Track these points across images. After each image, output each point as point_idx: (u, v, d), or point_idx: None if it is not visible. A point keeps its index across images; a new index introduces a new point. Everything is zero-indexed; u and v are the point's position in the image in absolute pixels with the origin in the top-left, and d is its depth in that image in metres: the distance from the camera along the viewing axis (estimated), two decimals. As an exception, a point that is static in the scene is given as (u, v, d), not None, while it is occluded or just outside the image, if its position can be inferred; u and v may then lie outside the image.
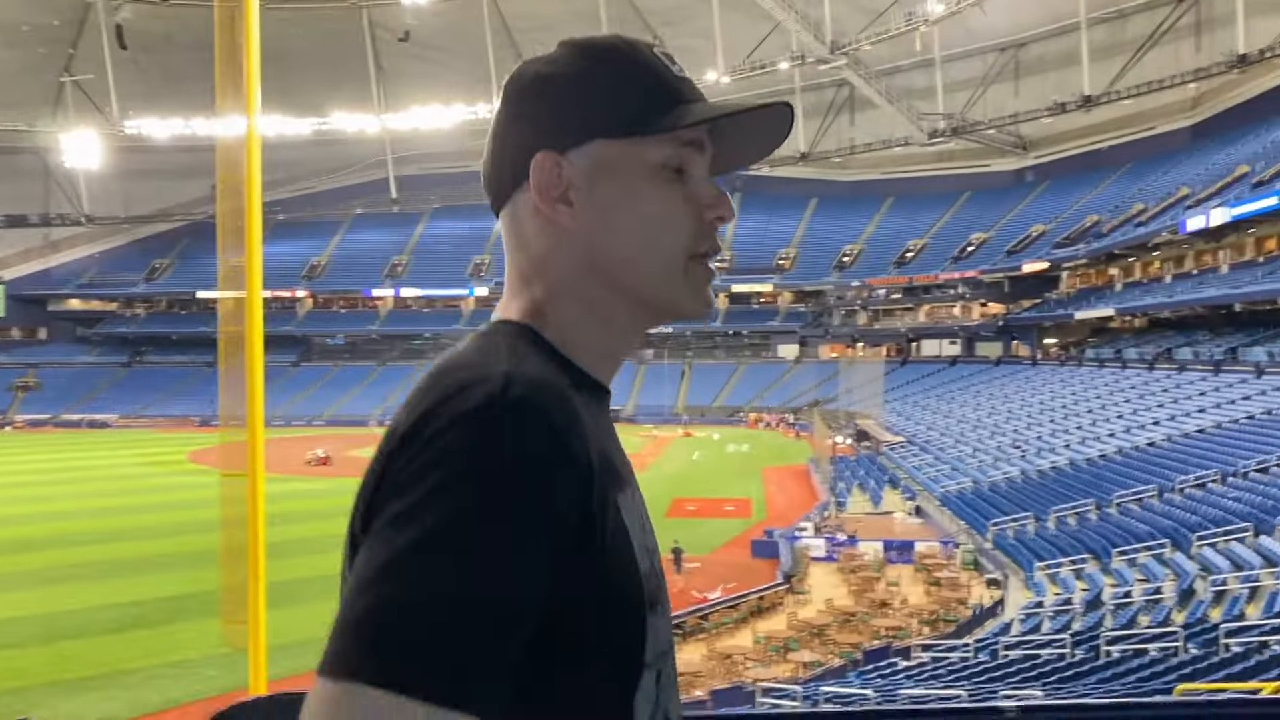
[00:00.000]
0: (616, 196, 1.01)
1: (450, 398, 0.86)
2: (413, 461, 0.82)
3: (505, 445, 0.82)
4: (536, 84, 1.03)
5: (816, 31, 72.17)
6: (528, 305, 1.04)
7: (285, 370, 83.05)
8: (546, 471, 0.83)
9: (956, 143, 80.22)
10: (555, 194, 1.01)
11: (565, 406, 0.89)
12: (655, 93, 1.02)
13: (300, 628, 21.23)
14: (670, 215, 1.02)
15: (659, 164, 1.02)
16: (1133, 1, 67.62)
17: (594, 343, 1.04)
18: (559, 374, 0.96)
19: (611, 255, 1.02)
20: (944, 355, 72.15)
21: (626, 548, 0.93)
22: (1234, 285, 45.20)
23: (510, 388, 0.86)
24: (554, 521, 0.83)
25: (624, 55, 1.04)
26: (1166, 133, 69.79)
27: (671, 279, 1.03)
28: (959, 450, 41.00)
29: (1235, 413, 33.82)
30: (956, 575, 24.29)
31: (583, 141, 1.01)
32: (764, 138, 1.09)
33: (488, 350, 0.95)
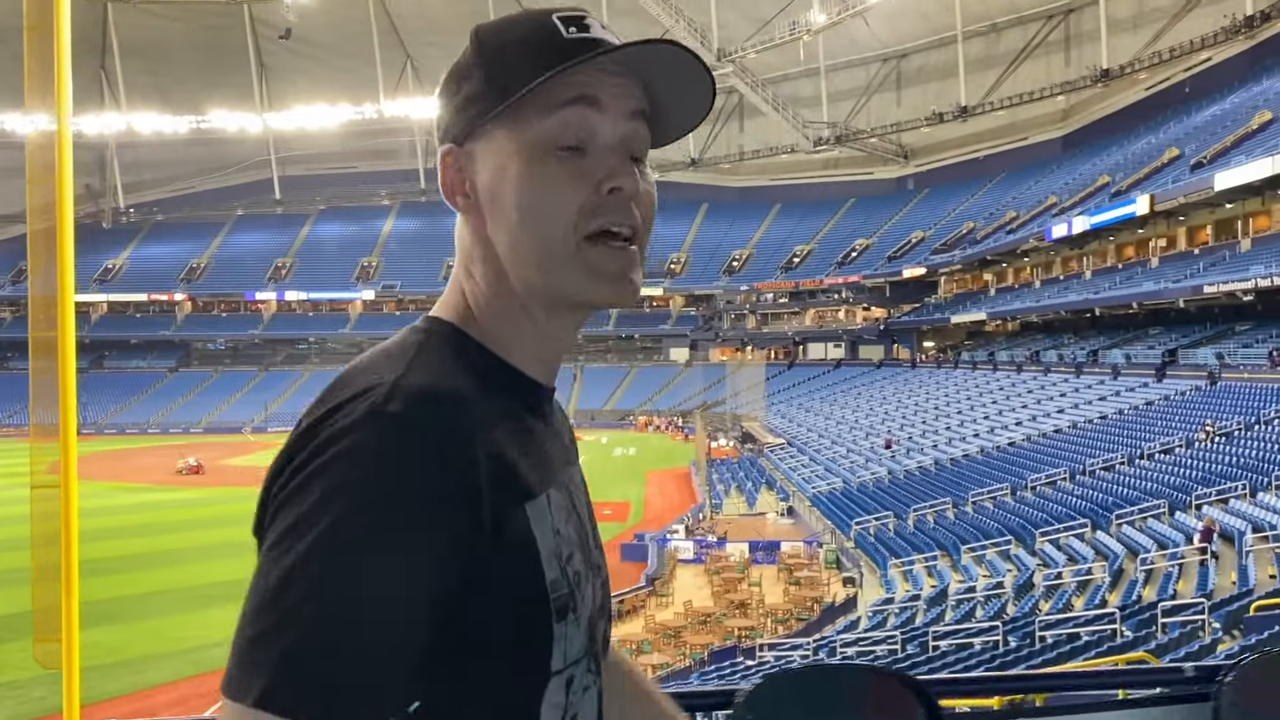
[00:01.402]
0: (501, 182, 0.95)
1: (336, 409, 0.85)
2: (295, 475, 0.83)
3: (382, 462, 0.81)
4: (446, 79, 1.00)
5: (703, 38, 72.91)
6: (458, 303, 1.01)
7: (163, 376, 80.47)
8: (424, 488, 0.82)
9: (842, 150, 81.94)
10: (455, 188, 0.98)
11: (450, 416, 0.86)
12: (530, 57, 0.93)
13: (148, 642, 20.59)
14: (549, 192, 0.94)
15: (537, 138, 0.94)
16: (1006, 16, 69.97)
17: (522, 340, 1.00)
18: (468, 377, 0.93)
19: (502, 245, 0.97)
20: (829, 358, 73.49)
21: (527, 558, 0.90)
22: (1095, 290, 47.07)
23: (391, 400, 0.84)
24: (436, 537, 0.82)
25: (514, 27, 0.98)
26: (1039, 143, 72.50)
27: (561, 265, 0.95)
28: (834, 451, 41.78)
29: (1090, 413, 35.21)
30: (817, 574, 24.68)
31: (475, 129, 0.96)
32: (685, 92, 0.99)
33: (395, 353, 0.93)
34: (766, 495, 37.10)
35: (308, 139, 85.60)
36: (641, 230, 0.98)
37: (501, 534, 0.88)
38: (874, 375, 63.85)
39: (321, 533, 0.79)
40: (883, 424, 45.37)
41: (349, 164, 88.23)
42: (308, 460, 0.83)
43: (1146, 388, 36.29)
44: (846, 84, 79.06)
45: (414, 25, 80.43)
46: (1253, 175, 35.92)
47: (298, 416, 0.88)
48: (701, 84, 0.98)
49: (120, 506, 37.70)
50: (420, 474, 0.82)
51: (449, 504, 0.83)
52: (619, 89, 0.95)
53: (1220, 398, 30.98)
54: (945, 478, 32.13)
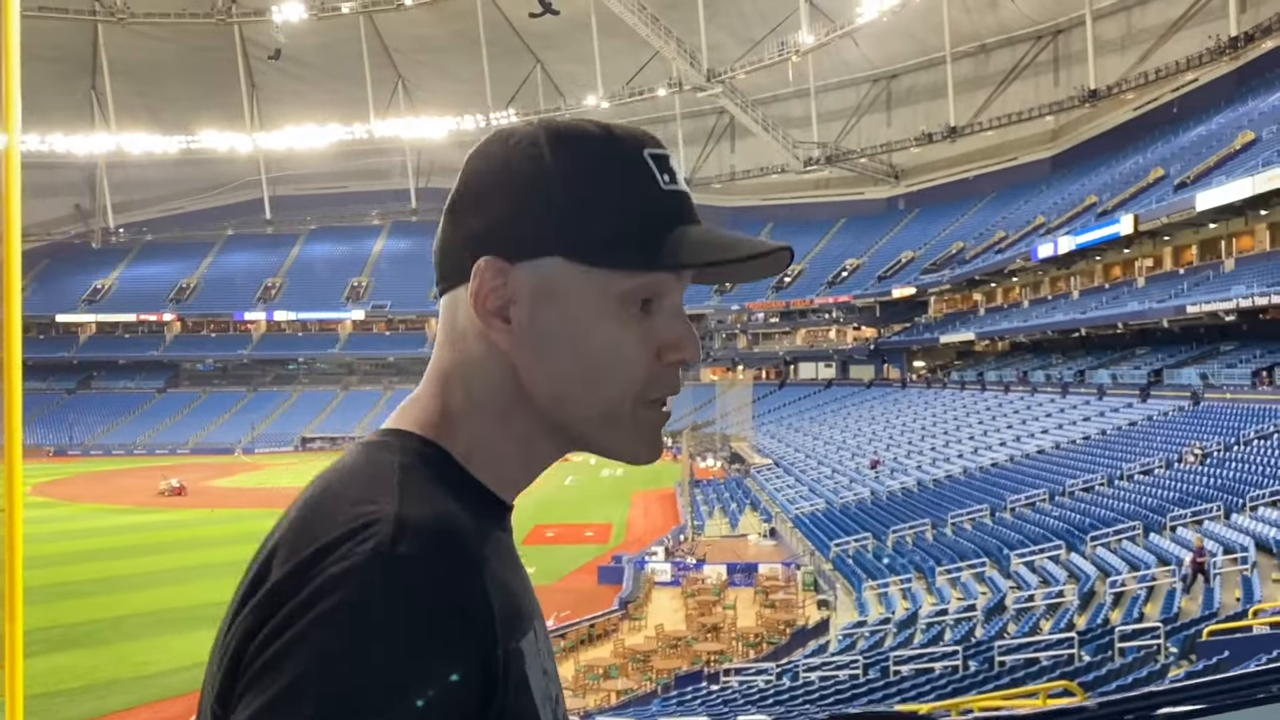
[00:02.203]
0: (560, 326, 0.85)
1: (327, 550, 0.74)
2: (280, 634, 0.71)
3: (393, 617, 0.71)
4: (501, 172, 0.87)
5: (693, 59, 73.12)
6: (437, 412, 0.89)
7: (151, 397, 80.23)
8: (444, 646, 0.72)
9: (833, 170, 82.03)
10: (493, 306, 0.86)
11: (465, 557, 0.77)
12: (637, 217, 0.85)
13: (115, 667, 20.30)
14: (621, 357, 0.86)
15: (621, 295, 0.85)
16: (995, 37, 70.23)
17: (506, 465, 0.90)
18: (459, 506, 0.82)
19: (546, 389, 0.87)
20: (820, 378, 73.43)
21: (527, 709, 0.81)
22: (1082, 310, 47.01)
23: (399, 541, 0.74)
24: (452, 702, 0.72)
25: (606, 155, 0.86)
26: (1028, 163, 72.62)
27: (614, 425, 0.88)
28: (819, 472, 41.58)
29: (1074, 433, 35.07)
30: (792, 597, 24.45)
31: (538, 254, 0.85)
32: (754, 270, 0.90)
33: (376, 476, 0.82)
34: (750, 516, 36.88)
35: (298, 159, 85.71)
36: None
37: (509, 683, 0.78)
38: (864, 395, 63.72)
39: (324, 706, 0.67)
40: (870, 444, 45.18)
41: (340, 184, 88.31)
42: (300, 611, 0.71)
43: (1131, 408, 36.16)
44: (837, 104, 79.25)
45: (405, 45, 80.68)
46: (1233, 195, 35.91)
47: (288, 439, 0.74)
48: (773, 272, 0.89)
49: (100, 529, 37.51)
50: (435, 628, 0.72)
51: (470, 658, 0.74)
52: None
53: (1202, 418, 30.86)
54: (927, 498, 31.94)
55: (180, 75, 79.36)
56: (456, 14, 75.75)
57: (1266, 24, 51.30)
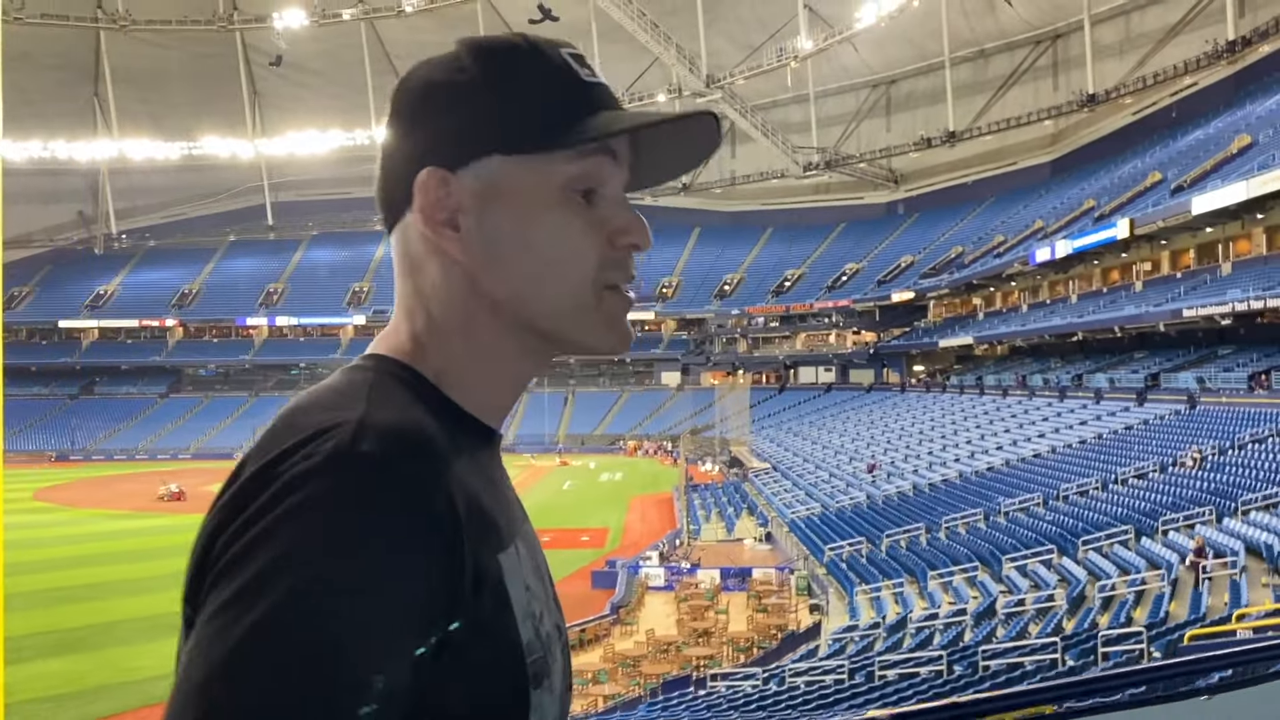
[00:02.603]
0: (509, 222, 0.88)
1: (290, 453, 0.75)
2: (245, 530, 0.72)
3: (353, 511, 0.72)
4: (425, 90, 0.89)
5: (692, 65, 73.23)
6: (407, 338, 0.91)
7: (153, 402, 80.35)
8: (404, 539, 0.73)
9: (833, 175, 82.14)
10: (441, 217, 0.88)
11: (427, 458, 0.78)
12: (562, 100, 0.88)
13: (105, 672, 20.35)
14: (573, 244, 0.88)
15: (563, 184, 0.88)
16: (994, 42, 70.30)
17: (480, 382, 0.91)
18: (429, 417, 0.84)
19: (504, 289, 0.89)
20: (820, 382, 73.47)
21: (505, 617, 0.81)
22: (1079, 314, 47.00)
23: (360, 439, 0.75)
24: (414, 598, 0.73)
25: (526, 56, 0.90)
26: (1028, 168, 72.65)
27: (580, 313, 0.89)
28: (816, 476, 41.57)
29: (1070, 437, 35.06)
30: (785, 601, 24.45)
31: (476, 157, 0.88)
32: (689, 149, 0.96)
33: (346, 390, 0.84)
34: (747, 521, 36.88)
35: (300, 165, 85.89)
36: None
37: (479, 589, 0.78)
38: (864, 399, 63.73)
39: (288, 595, 0.68)
40: (868, 449, 45.16)
41: (342, 189, 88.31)
42: (265, 508, 0.72)
43: (1127, 412, 36.14)
44: (837, 109, 79.40)
45: (406, 50, 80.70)
46: (1229, 199, 35.92)
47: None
48: (708, 148, 0.95)
49: (97, 534, 37.59)
50: (397, 524, 0.73)
51: (429, 557, 0.74)
52: (624, 140, 0.92)
53: (1198, 422, 30.85)
54: (923, 502, 31.94)
55: (182, 82, 79.58)
56: (457, 20, 75.87)
57: (1264, 28, 51.33)
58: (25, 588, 28.34)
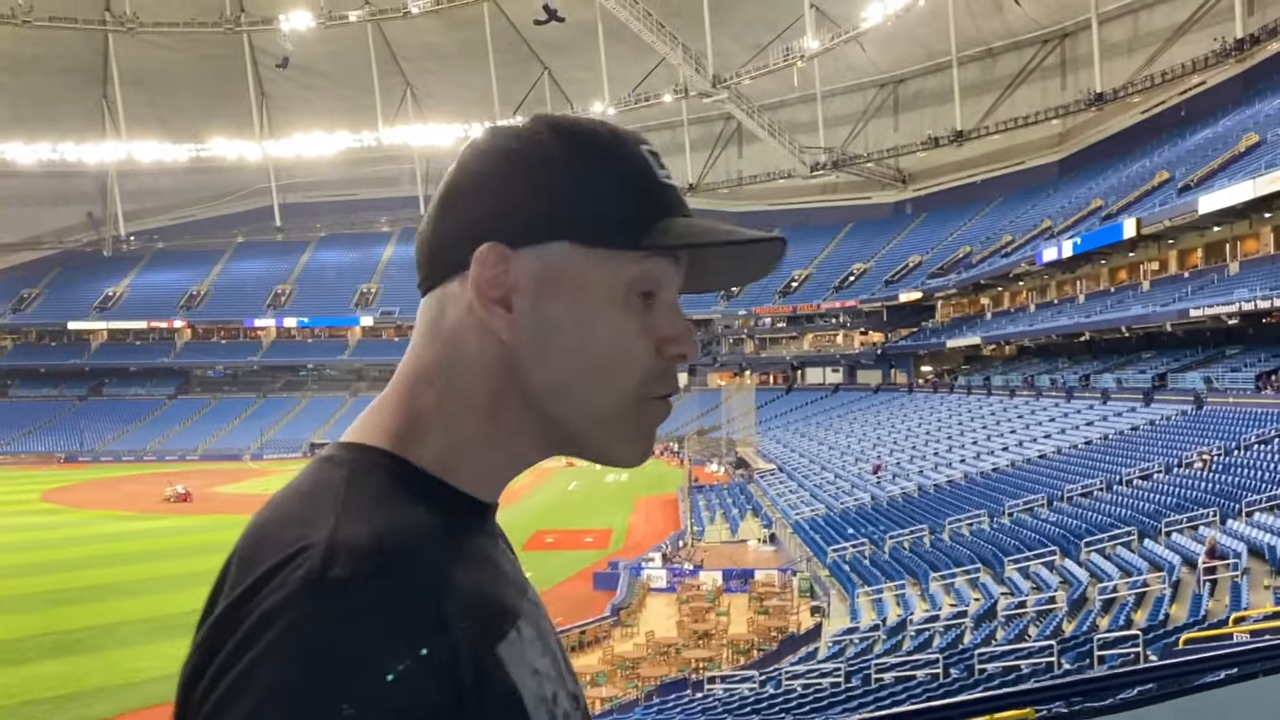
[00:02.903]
0: (568, 313, 0.83)
1: (261, 583, 0.72)
2: (222, 675, 0.69)
3: (332, 643, 0.68)
4: (501, 160, 0.85)
5: (699, 65, 73.11)
6: (403, 419, 0.85)
7: (161, 403, 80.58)
8: (389, 665, 0.69)
9: (840, 175, 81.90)
10: (495, 295, 0.83)
11: (404, 571, 0.73)
12: (639, 199, 0.84)
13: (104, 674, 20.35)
14: (627, 347, 0.83)
15: (628, 283, 0.83)
16: (1001, 41, 70.02)
17: (484, 464, 0.86)
18: (411, 513, 0.79)
19: (544, 379, 0.84)
20: (827, 382, 73.28)
21: (515, 712, 0.77)
22: (1086, 314, 46.76)
23: (332, 564, 0.71)
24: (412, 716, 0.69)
25: (610, 147, 0.86)
26: (1036, 167, 72.30)
27: (615, 421, 0.85)
28: (822, 477, 41.45)
29: (1076, 438, 34.85)
30: (787, 603, 24.36)
31: (542, 239, 0.83)
32: (750, 265, 0.91)
33: (317, 497, 0.79)
34: (751, 522, 36.78)
35: (308, 166, 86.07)
36: None
37: (481, 692, 0.74)
38: (871, 400, 63.53)
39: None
40: (874, 449, 45.00)
41: (349, 191, 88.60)
42: (240, 649, 0.69)
43: (1134, 412, 35.91)
44: (844, 109, 79.18)
45: (413, 53, 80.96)
46: (1235, 198, 35.67)
47: (297, 445, 0.72)
48: (767, 268, 0.90)
49: (103, 535, 37.63)
50: (383, 647, 0.69)
51: (423, 674, 0.70)
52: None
53: (1205, 422, 30.61)
54: (927, 504, 31.78)
55: (190, 84, 79.81)
56: (464, 22, 76.04)
57: (1273, 25, 51.00)
58: (29, 590, 28.47)
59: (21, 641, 23.01)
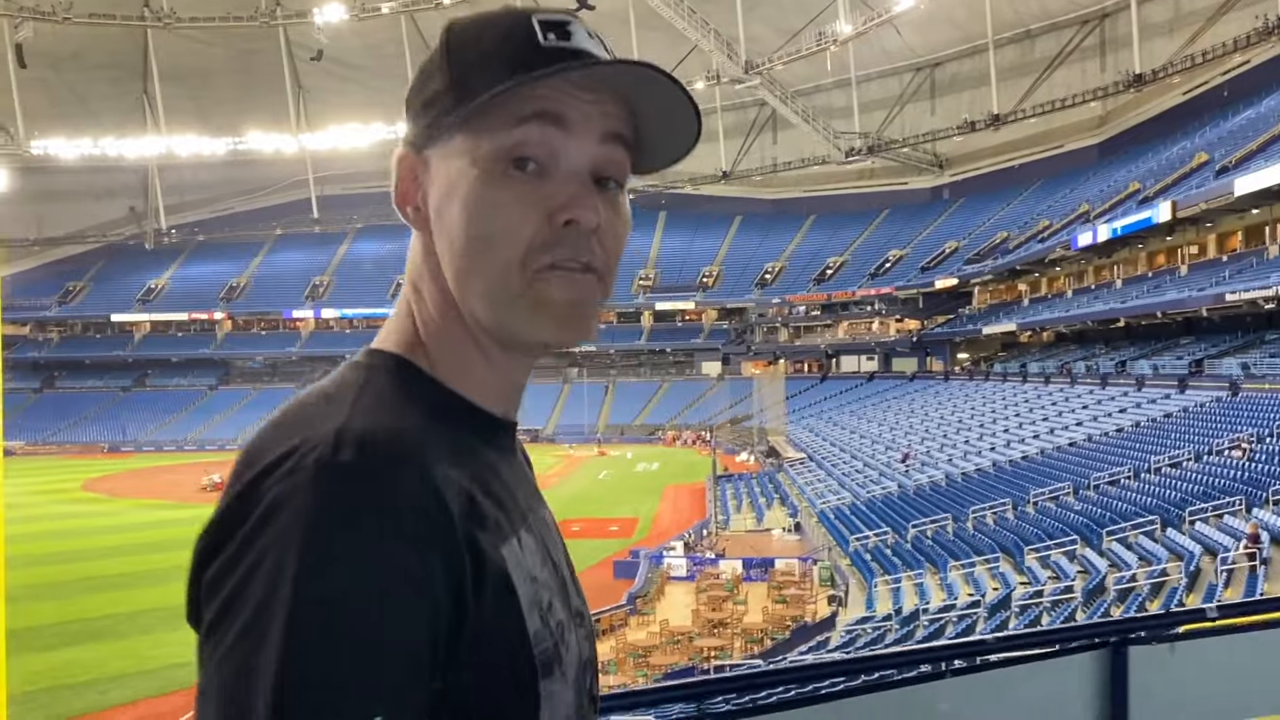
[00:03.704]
0: (445, 196, 0.84)
1: (273, 467, 0.74)
2: (238, 558, 0.71)
3: (340, 526, 0.71)
4: (415, 77, 0.89)
5: (730, 51, 72.62)
6: (405, 329, 0.90)
7: (203, 394, 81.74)
8: (395, 544, 0.72)
9: (877, 161, 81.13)
10: (409, 199, 0.88)
11: (408, 459, 0.76)
12: (498, 62, 0.82)
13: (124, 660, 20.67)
14: (497, 218, 0.82)
15: (491, 153, 0.83)
16: (1039, 22, 68.90)
17: (474, 372, 0.89)
18: (418, 414, 0.82)
19: (447, 271, 0.86)
20: (862, 371, 72.69)
21: (509, 609, 0.81)
22: (1122, 300, 45.93)
23: (340, 450, 0.74)
24: (416, 597, 0.72)
25: (484, 25, 0.86)
26: (1075, 150, 71.13)
27: (507, 300, 0.84)
28: (851, 466, 41.14)
29: (1108, 425, 34.28)
30: (805, 592, 24.20)
31: (432, 135, 0.85)
32: (670, 118, 0.89)
33: (334, 394, 0.82)
34: (777, 511, 36.57)
35: (345, 158, 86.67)
36: (603, 267, 0.87)
37: (480, 583, 0.77)
38: (906, 388, 62.94)
39: (285, 621, 0.67)
40: (906, 438, 44.57)
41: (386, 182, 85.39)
42: (252, 533, 0.71)
43: (1168, 399, 35.23)
44: (880, 93, 78.40)
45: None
46: (1271, 180, 34.78)
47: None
48: (685, 111, 0.88)
49: (136, 524, 38.24)
50: (388, 527, 0.72)
51: (424, 556, 0.73)
52: (592, 108, 0.84)
53: (1239, 410, 29.92)
54: (954, 492, 31.42)
55: (228, 78, 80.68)
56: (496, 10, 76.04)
57: (1318, 2, 49.67)
58: (59, 577, 29.00)
59: (49, 628, 23.45)
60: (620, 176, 0.88)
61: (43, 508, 43.55)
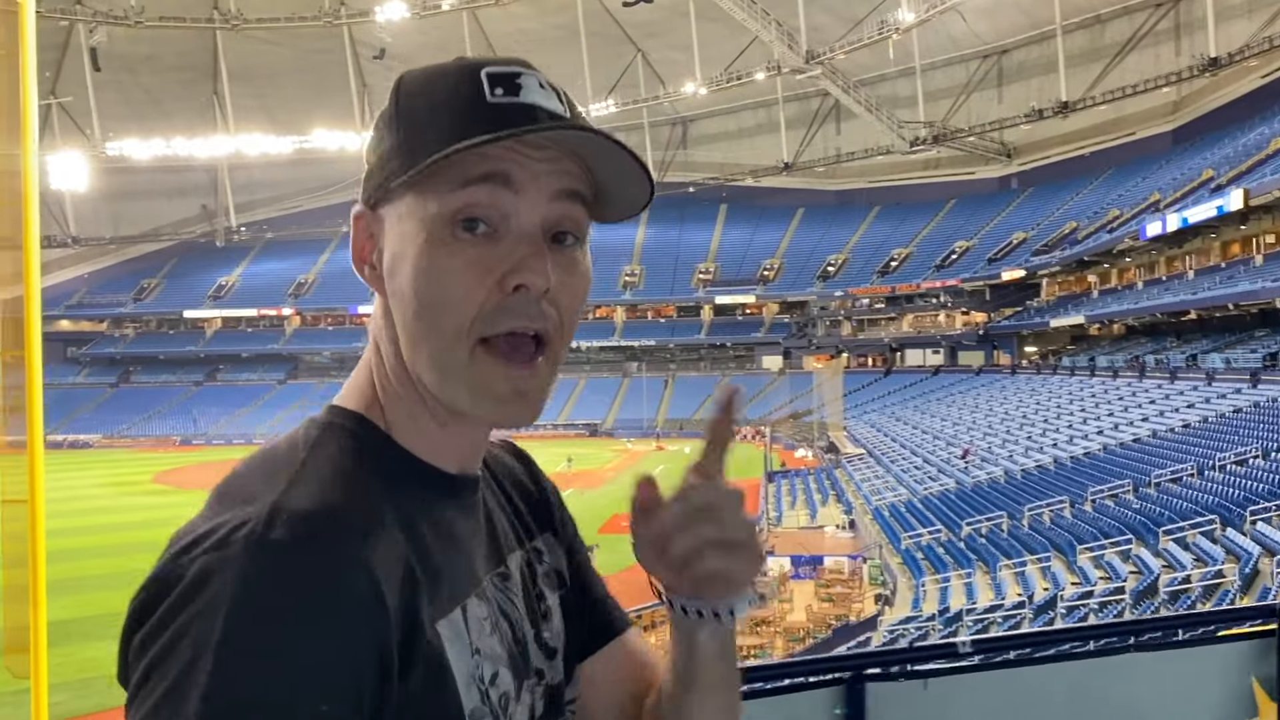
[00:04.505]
0: (398, 258, 0.81)
1: (204, 538, 0.73)
2: (162, 628, 0.69)
3: (265, 601, 0.69)
4: (374, 128, 0.86)
5: (791, 41, 71.84)
6: (364, 385, 0.88)
7: (271, 388, 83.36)
8: (319, 625, 0.69)
9: (943, 151, 79.74)
10: (365, 258, 0.85)
11: (343, 537, 0.73)
12: (446, 121, 0.80)
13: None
14: (446, 283, 0.79)
15: (444, 217, 0.79)
16: (1111, 6, 67.02)
17: (430, 433, 0.86)
18: (363, 480, 0.80)
19: (401, 335, 0.83)
20: (928, 365, 71.51)
21: (442, 687, 0.78)
22: (1193, 291, 44.49)
23: (272, 527, 0.71)
24: (335, 679, 0.69)
25: (434, 79, 0.83)
26: (1148, 138, 69.14)
27: (451, 367, 0.80)
28: (910, 462, 40.47)
29: (1174, 421, 33.19)
30: (852, 591, 23.82)
31: (386, 195, 0.82)
32: (622, 176, 0.85)
33: (280, 459, 0.80)
34: (832, 507, 36.10)
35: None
36: (554, 334, 0.83)
37: (410, 662, 0.75)
38: (972, 382, 61.73)
39: (204, 691, 0.65)
40: (968, 433, 43.71)
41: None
42: (178, 605, 0.69)
43: (1239, 394, 33.98)
44: (946, 82, 76.94)
45: (508, 41, 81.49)
46: (1351, 164, 33.37)
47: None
48: (635, 171, 0.84)
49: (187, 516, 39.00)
50: (312, 609, 0.69)
51: (348, 641, 0.70)
52: (542, 166, 0.81)
53: (1314, 404, 28.81)
54: (1012, 489, 30.69)
55: (294, 77, 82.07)
56: (556, 7, 76.25)
57: (1405, -22, 47.50)
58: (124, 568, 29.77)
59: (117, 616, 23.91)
60: (577, 230, 0.84)
61: (113, 499, 44.82)
